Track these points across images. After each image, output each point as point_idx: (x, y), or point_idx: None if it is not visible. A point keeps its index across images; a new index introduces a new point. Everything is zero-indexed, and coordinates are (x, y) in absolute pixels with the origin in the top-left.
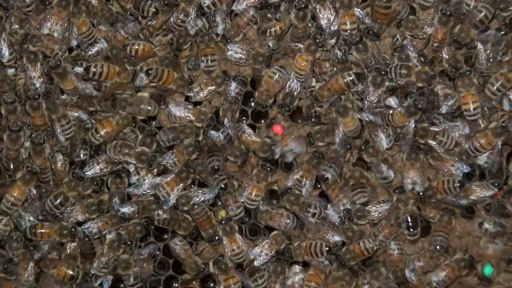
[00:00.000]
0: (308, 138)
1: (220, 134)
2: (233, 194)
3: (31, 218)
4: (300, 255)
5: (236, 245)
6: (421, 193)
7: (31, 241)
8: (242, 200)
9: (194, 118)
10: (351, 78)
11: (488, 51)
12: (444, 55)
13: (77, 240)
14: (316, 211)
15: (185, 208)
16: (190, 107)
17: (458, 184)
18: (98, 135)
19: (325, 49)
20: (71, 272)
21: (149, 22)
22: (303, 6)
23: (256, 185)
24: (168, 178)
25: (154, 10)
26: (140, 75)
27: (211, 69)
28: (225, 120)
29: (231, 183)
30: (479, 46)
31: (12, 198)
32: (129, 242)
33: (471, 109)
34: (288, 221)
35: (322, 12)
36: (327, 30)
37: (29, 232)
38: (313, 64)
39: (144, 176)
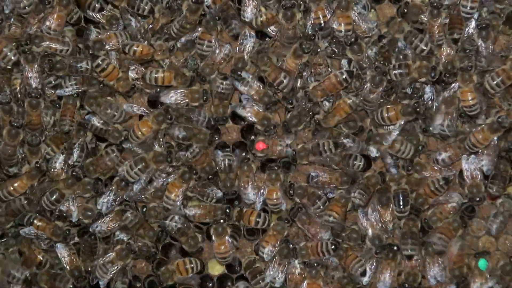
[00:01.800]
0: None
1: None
2: None
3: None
4: (306, 255)
5: (225, 248)
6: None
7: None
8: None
9: (188, 99)
10: (343, 76)
11: (489, 47)
12: (442, 58)
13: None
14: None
15: None
16: (183, 90)
17: (443, 182)
18: (136, 137)
19: (315, 52)
20: (41, 258)
21: (150, 25)
22: (290, 5)
23: (272, 188)
24: (170, 180)
25: (149, 8)
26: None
27: (205, 53)
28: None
29: None
30: (479, 42)
31: (11, 188)
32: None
33: (470, 104)
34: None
35: (313, 13)
36: (309, 26)
37: (26, 220)
38: (300, 66)
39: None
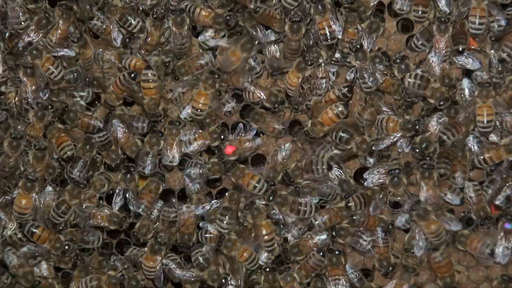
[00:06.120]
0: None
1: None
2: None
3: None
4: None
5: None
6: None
7: None
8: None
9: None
10: (342, 91)
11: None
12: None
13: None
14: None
15: None
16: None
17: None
18: (198, 110)
19: (318, 64)
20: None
21: (147, 39)
22: (298, 19)
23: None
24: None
25: (139, 27)
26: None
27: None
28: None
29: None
30: (492, 52)
31: (21, 209)
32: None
33: (485, 121)
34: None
35: (316, 25)
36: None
37: (27, 230)
38: (302, 80)
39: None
